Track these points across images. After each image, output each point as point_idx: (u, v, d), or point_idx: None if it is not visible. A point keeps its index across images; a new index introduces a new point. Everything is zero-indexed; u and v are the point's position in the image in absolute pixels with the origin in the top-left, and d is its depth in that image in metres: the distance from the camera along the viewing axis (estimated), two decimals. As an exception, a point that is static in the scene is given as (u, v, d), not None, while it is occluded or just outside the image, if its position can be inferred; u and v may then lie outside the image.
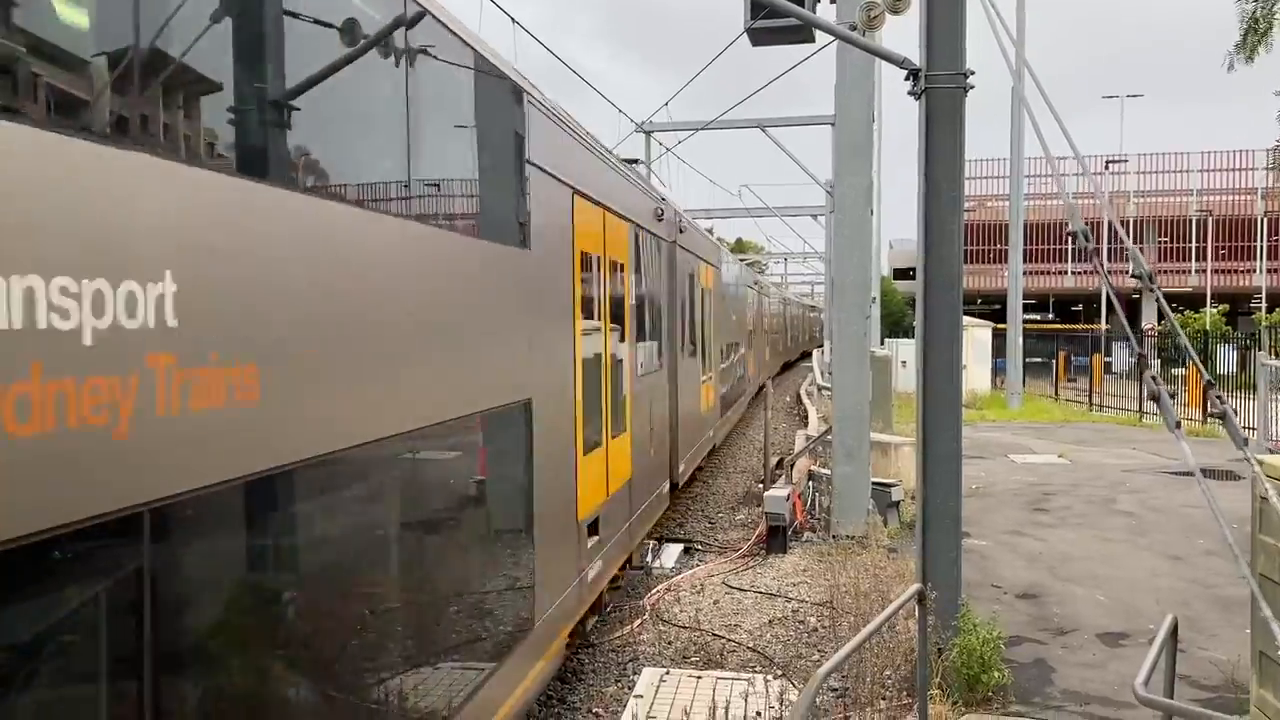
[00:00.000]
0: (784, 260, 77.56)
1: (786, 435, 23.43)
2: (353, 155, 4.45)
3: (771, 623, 9.39)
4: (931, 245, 7.45)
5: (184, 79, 3.28)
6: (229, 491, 3.25)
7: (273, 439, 3.49)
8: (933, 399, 7.47)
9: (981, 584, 9.97)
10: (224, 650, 3.39)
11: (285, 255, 3.64)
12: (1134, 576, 10.36)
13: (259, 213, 3.49)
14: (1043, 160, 45.80)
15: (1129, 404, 28.03)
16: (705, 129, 23.97)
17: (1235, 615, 8.69)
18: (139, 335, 2.80)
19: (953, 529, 7.47)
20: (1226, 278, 60.62)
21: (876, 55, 8.87)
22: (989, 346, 33.32)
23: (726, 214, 43.64)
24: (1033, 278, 55.69)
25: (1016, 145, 29.65)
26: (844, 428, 12.73)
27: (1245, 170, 64.75)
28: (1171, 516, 13.38)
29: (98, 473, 2.67)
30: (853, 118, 12.83)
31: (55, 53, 2.75)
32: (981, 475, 16.70)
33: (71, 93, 2.82)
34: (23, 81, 2.59)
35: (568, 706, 7.69)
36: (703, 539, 13.23)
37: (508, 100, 6.34)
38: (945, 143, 7.41)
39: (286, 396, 3.56)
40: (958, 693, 6.94)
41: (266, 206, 3.55)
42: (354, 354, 4.13)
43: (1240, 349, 30.16)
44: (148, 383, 2.83)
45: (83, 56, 2.86)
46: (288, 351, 3.61)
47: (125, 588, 2.84)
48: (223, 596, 3.39)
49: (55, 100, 2.71)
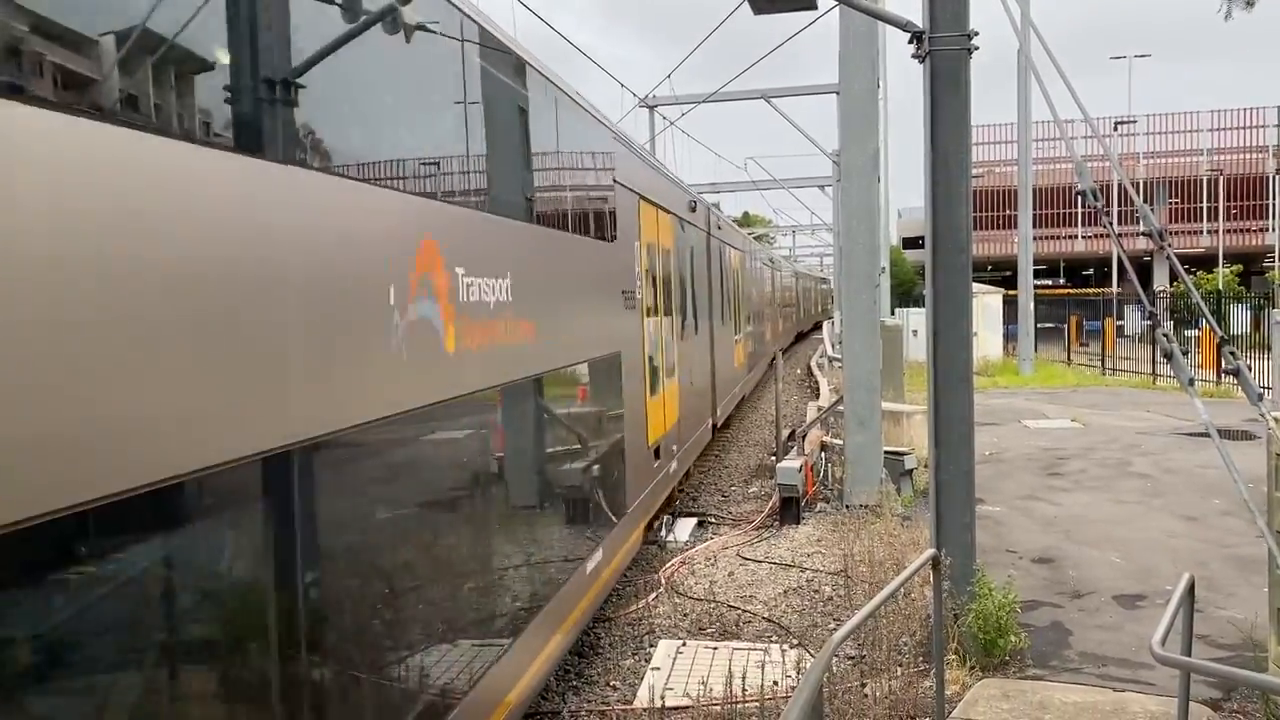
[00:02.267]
0: (792, 233, 77.24)
1: (798, 408, 23.41)
2: (563, 203, 7.75)
3: (786, 593, 9.41)
4: (939, 210, 7.39)
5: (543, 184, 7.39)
6: (530, 381, 6.46)
7: (541, 359, 6.56)
8: (944, 365, 7.42)
9: (996, 549, 9.96)
10: (498, 499, 5.99)
11: (544, 262, 6.86)
12: (1150, 538, 10.34)
13: (542, 242, 6.97)
14: (1051, 124, 45.45)
15: (1142, 367, 27.90)
16: (708, 101, 23.82)
17: (1253, 574, 8.66)
18: (502, 302, 5.75)
19: (966, 495, 7.44)
20: (1239, 237, 60.22)
21: (879, 19, 8.78)
22: (1000, 313, 33.19)
23: (733, 187, 43.49)
24: (1043, 243, 55.30)
25: (1024, 108, 29.40)
26: (855, 397, 12.70)
27: (1256, 128, 64.09)
28: (1186, 477, 13.33)
29: (499, 365, 5.77)
30: (857, 85, 12.71)
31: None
32: (994, 441, 16.66)
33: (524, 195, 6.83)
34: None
35: (585, 680, 7.73)
36: (716, 512, 13.24)
37: (607, 140, 9.20)
38: (951, 106, 7.33)
39: (546, 338, 6.64)
40: (974, 657, 6.95)
41: (546, 240, 7.08)
42: (558, 316, 7.12)
43: (1254, 309, 29.98)
44: (501, 326, 5.70)
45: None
46: (546, 312, 6.67)
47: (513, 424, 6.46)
48: (527, 437, 6.83)
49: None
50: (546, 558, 6.75)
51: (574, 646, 8.27)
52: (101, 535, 2.66)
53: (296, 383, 3.46)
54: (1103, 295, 38.86)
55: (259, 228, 3.30)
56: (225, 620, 3.20)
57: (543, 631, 6.31)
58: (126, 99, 2.84)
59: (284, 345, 3.39)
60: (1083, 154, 46.93)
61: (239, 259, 3.16)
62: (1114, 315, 34.69)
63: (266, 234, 3.34)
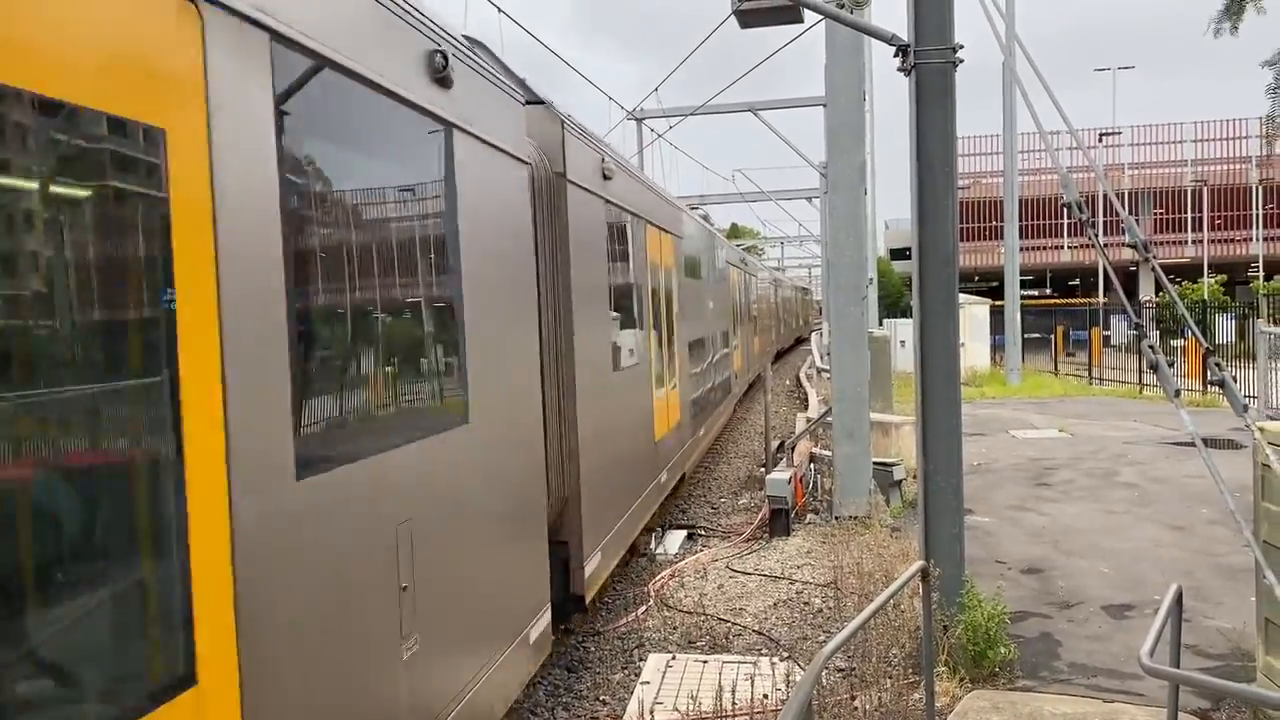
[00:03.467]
0: (780, 244, 77.46)
1: (787, 419, 23.42)
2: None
3: (776, 605, 9.39)
4: (926, 221, 7.41)
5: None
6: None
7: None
8: (931, 374, 7.44)
9: (985, 560, 9.97)
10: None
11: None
12: (1138, 548, 10.36)
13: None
14: (1036, 136, 45.65)
15: (1129, 377, 28.02)
16: (696, 114, 23.88)
17: (1240, 584, 8.68)
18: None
19: (955, 505, 7.45)
20: (1223, 247, 60.61)
21: (864, 32, 8.82)
22: (987, 323, 33.31)
23: (721, 199, 43.58)
24: (1029, 253, 55.64)
25: (1009, 120, 29.59)
26: (843, 408, 12.71)
27: (1239, 139, 64.61)
28: (1173, 487, 13.38)
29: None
30: (843, 97, 12.77)
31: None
32: (983, 452, 16.69)
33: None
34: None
35: (575, 695, 7.69)
36: (705, 524, 13.22)
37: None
38: (936, 118, 7.36)
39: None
40: (964, 669, 6.94)
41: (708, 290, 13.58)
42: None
43: (1239, 318, 30.15)
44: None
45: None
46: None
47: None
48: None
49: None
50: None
51: (562, 661, 8.24)
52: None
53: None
54: (1089, 305, 39.00)
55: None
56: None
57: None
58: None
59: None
60: (1068, 165, 47.23)
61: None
62: (1101, 325, 34.85)
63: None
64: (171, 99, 2.86)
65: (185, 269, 2.86)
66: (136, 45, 2.74)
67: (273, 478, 3.23)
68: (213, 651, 2.85)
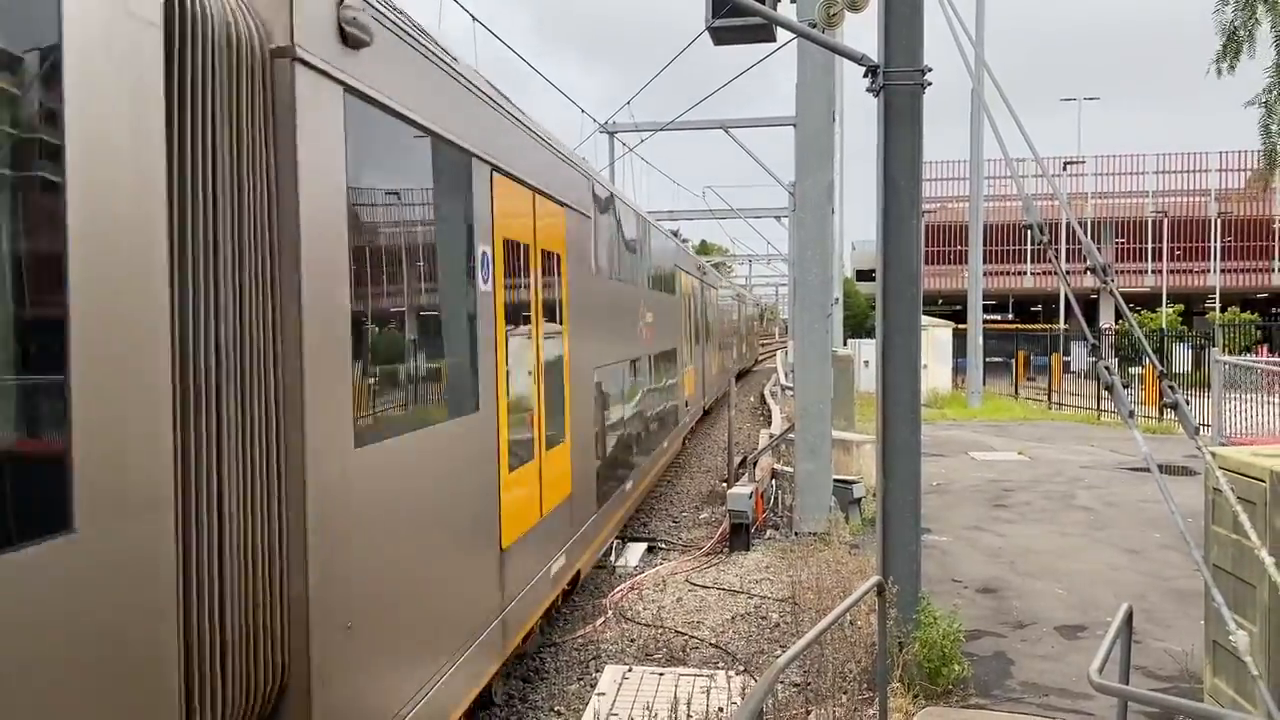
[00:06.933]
0: (749, 262, 77.83)
1: (750, 435, 23.49)
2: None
3: (734, 619, 9.39)
4: (891, 240, 7.48)
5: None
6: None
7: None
8: (892, 391, 7.50)
9: (942, 579, 10.03)
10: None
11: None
12: (1092, 570, 10.48)
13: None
14: (1002, 162, 46.32)
15: (1088, 402, 28.39)
16: (667, 129, 23.95)
17: (1190, 606, 8.81)
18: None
19: (912, 522, 7.50)
20: (1181, 278, 61.67)
21: (836, 52, 8.91)
22: (949, 346, 33.63)
23: (691, 215, 43.70)
24: (993, 278, 56.30)
25: (976, 145, 29.98)
26: (806, 425, 12.78)
27: (1199, 172, 65.92)
28: (1128, 511, 13.56)
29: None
30: (814, 116, 12.88)
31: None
32: (942, 472, 16.83)
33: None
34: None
35: (530, 705, 7.63)
36: (666, 537, 13.21)
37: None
38: (903, 139, 7.44)
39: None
40: (918, 685, 6.97)
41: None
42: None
43: (1196, 348, 30.70)
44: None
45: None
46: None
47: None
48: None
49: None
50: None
51: (518, 672, 8.18)
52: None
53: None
54: (1050, 331, 39.54)
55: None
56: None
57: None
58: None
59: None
60: (1032, 193, 47.88)
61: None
62: (1061, 351, 35.31)
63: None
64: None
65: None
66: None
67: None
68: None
